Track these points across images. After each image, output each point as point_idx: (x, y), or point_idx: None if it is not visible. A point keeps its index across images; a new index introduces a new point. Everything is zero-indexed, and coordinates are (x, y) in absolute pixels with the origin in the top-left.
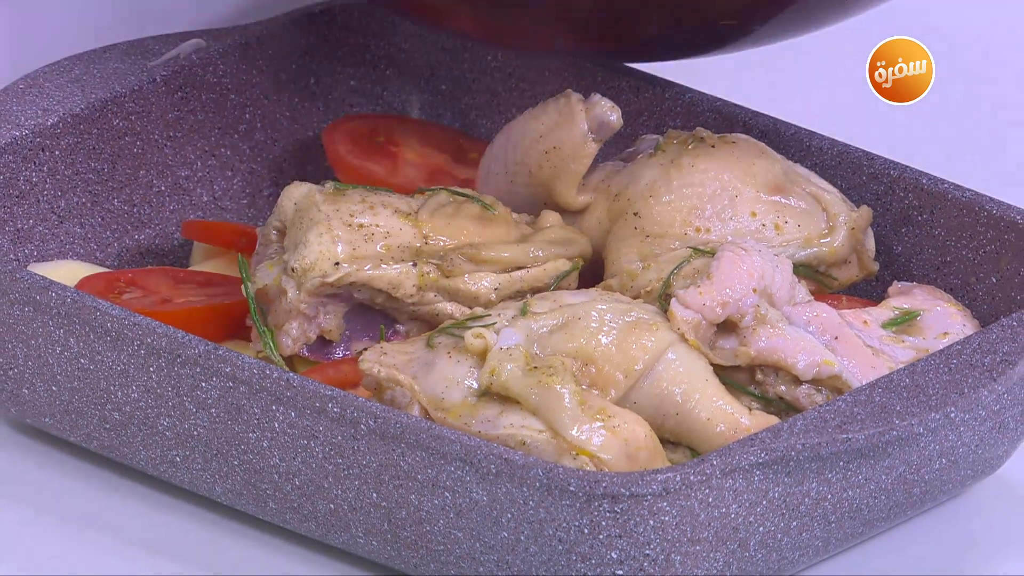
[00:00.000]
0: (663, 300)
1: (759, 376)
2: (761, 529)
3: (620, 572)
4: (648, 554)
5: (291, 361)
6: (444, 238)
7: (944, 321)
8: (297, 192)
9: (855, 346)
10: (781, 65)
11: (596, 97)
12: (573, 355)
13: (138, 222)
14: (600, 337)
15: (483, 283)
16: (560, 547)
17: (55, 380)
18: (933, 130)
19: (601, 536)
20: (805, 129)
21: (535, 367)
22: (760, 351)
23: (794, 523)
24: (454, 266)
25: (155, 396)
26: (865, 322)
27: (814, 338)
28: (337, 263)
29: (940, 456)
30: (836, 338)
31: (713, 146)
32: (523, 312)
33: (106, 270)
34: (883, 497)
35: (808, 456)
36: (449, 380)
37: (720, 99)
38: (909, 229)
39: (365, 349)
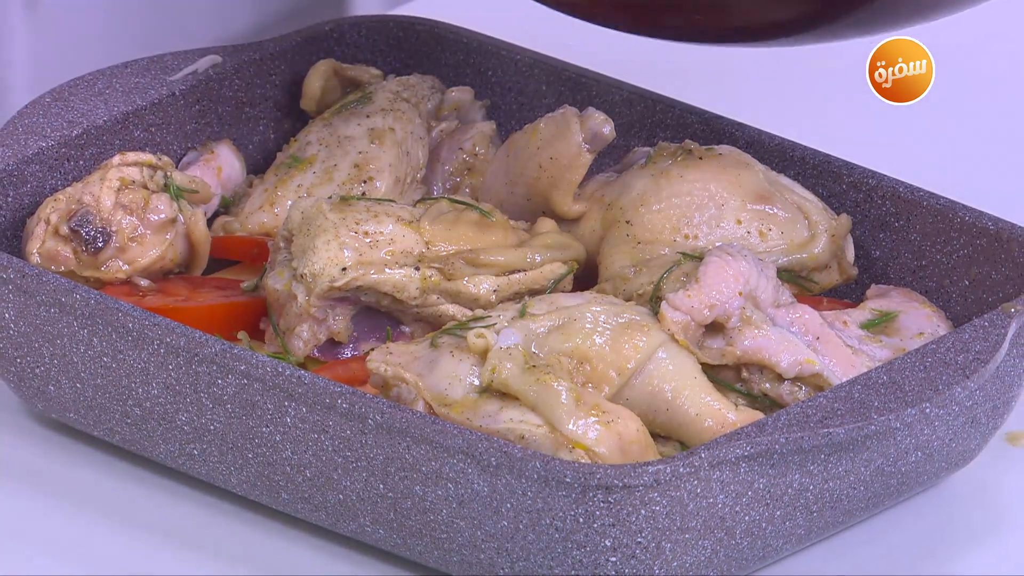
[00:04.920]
0: (654, 302)
1: (745, 374)
2: (747, 518)
3: (613, 559)
4: (640, 542)
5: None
6: (445, 244)
7: (919, 322)
8: (304, 202)
9: (835, 346)
10: (782, 65)
11: (591, 111)
12: (569, 354)
13: None
14: (595, 337)
15: (483, 285)
16: (557, 535)
17: (79, 377)
18: (933, 130)
19: (596, 525)
20: (788, 140)
21: (533, 365)
22: (745, 350)
23: (778, 512)
24: (455, 269)
25: (174, 393)
26: (845, 323)
27: (797, 338)
28: (344, 268)
29: (916, 449)
30: (818, 338)
31: (701, 158)
32: (522, 313)
33: None
34: (862, 488)
35: (791, 449)
36: (452, 377)
37: (708, 111)
38: (886, 235)
39: (372, 349)
